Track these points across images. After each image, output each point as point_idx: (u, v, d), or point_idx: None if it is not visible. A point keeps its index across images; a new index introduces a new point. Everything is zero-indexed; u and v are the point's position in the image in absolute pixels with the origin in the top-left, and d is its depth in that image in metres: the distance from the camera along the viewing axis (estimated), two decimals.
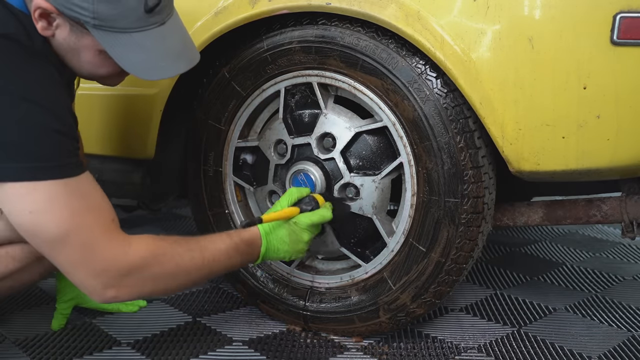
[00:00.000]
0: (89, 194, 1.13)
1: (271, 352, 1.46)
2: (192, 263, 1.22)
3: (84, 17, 1.12)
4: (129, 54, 1.16)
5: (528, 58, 1.21)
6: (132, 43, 1.15)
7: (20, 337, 1.51)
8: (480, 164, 1.33)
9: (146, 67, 1.19)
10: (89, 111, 1.70)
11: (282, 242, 1.37)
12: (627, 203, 1.47)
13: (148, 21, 1.15)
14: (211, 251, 1.26)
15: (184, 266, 1.21)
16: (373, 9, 1.30)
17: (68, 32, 1.16)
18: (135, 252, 1.14)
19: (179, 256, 1.20)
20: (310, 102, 1.48)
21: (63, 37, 1.17)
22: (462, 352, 1.47)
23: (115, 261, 1.13)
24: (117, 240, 1.14)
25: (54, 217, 1.08)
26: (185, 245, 1.23)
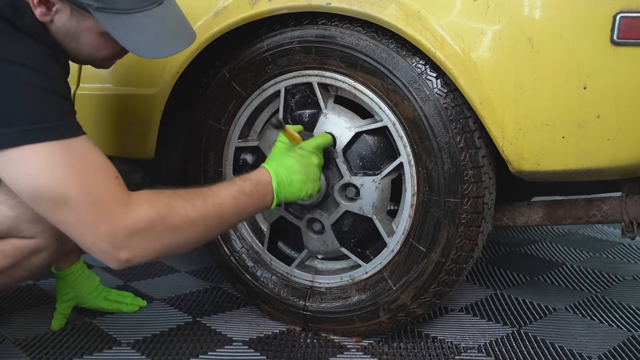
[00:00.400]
0: (89, 153, 1.11)
1: (271, 352, 1.46)
2: (197, 212, 1.17)
3: (87, 1, 1.13)
4: (131, 34, 1.17)
5: (528, 58, 1.21)
6: (133, 23, 1.16)
7: (20, 337, 1.51)
8: (480, 164, 1.33)
9: (148, 47, 1.20)
10: (89, 111, 1.70)
11: (293, 172, 1.30)
12: (627, 203, 1.47)
13: (148, 1, 1.18)
14: (214, 197, 1.21)
15: (188, 217, 1.16)
16: (373, 9, 1.30)
17: (68, 16, 1.17)
18: (140, 211, 1.11)
19: (182, 208, 1.16)
20: (311, 102, 1.48)
21: (62, 21, 1.17)
22: (462, 352, 1.47)
23: (119, 221, 1.09)
24: (120, 200, 1.10)
25: (55, 178, 1.06)
26: (186, 195, 1.18)
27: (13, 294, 1.77)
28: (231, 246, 1.63)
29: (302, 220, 1.50)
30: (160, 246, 1.14)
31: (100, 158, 1.13)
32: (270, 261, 1.59)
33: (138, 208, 1.11)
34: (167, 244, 1.15)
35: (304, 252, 1.55)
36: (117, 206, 1.09)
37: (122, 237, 1.09)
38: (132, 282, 1.89)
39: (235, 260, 1.62)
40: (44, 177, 1.06)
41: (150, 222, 1.11)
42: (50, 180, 1.06)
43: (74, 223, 1.09)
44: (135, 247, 1.11)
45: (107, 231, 1.09)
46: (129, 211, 1.10)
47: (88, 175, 1.09)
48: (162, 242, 1.14)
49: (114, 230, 1.09)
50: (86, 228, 1.09)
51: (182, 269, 2.01)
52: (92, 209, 1.08)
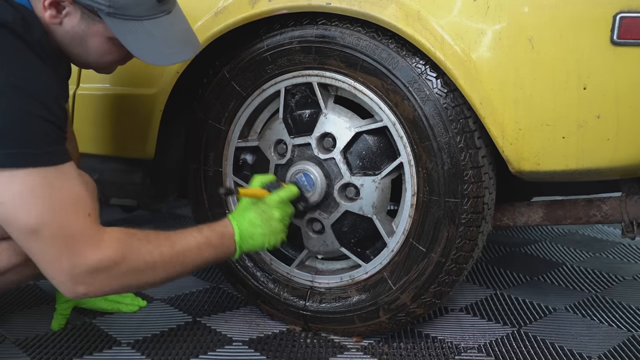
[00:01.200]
0: (67, 186, 1.12)
1: (271, 352, 1.46)
2: (161, 259, 1.21)
3: (99, 5, 1.15)
4: (139, 41, 1.19)
5: (528, 58, 1.21)
6: (142, 31, 1.19)
7: (20, 337, 1.51)
8: (480, 164, 1.33)
9: (156, 54, 1.22)
10: (89, 111, 1.70)
11: (254, 225, 1.35)
12: (627, 203, 1.47)
13: (158, 9, 1.20)
14: (181, 246, 1.25)
15: (152, 263, 1.20)
16: (373, 9, 1.30)
17: (78, 19, 1.18)
18: (105, 251, 1.13)
19: (149, 253, 1.19)
20: (311, 102, 1.48)
21: (71, 25, 1.19)
22: (462, 352, 1.47)
23: (84, 261, 1.12)
24: (90, 237, 1.12)
25: (29, 208, 1.07)
26: (155, 241, 1.22)
27: (13, 293, 1.77)
28: None
29: (302, 220, 1.50)
30: (117, 286, 1.19)
31: (77, 191, 1.13)
32: (270, 261, 1.59)
33: (105, 247, 1.14)
34: (124, 284, 1.20)
35: (304, 252, 1.55)
36: (83, 244, 1.12)
37: (82, 274, 1.13)
38: None
39: (235, 260, 1.62)
40: (16, 206, 1.07)
41: (114, 263, 1.15)
42: (21, 210, 1.07)
43: (38, 253, 1.12)
44: (93, 284, 1.15)
45: (68, 267, 1.12)
46: (95, 249, 1.13)
47: (61, 209, 1.10)
48: (120, 283, 1.19)
49: (75, 266, 1.12)
50: (49, 260, 1.12)
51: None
52: (57, 244, 1.10)
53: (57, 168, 1.10)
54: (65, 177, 1.12)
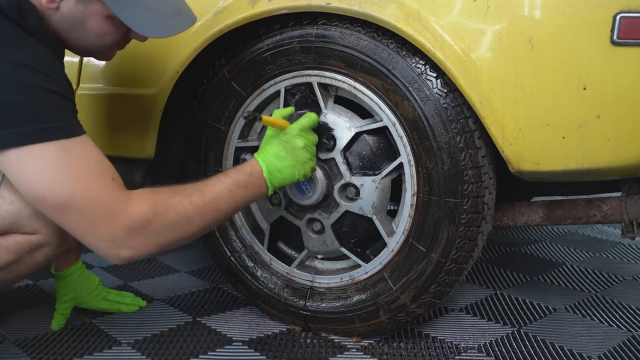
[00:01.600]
0: (88, 155, 1.14)
1: (271, 352, 1.46)
2: (194, 208, 1.21)
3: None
4: (136, 15, 1.20)
5: (528, 58, 1.21)
6: (139, 4, 1.20)
7: (20, 337, 1.51)
8: (480, 164, 1.33)
9: (155, 27, 1.24)
10: (89, 111, 1.70)
11: (279, 158, 1.33)
12: (627, 203, 1.47)
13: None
14: (210, 192, 1.24)
15: (185, 214, 1.19)
16: (373, 9, 1.30)
17: (75, 1, 1.19)
18: (136, 210, 1.14)
19: (180, 204, 1.19)
20: (311, 102, 1.48)
21: (69, 7, 1.20)
22: (462, 352, 1.47)
23: (118, 221, 1.12)
24: (118, 200, 1.13)
25: (56, 182, 1.09)
26: (183, 192, 1.22)
27: (13, 293, 1.77)
28: (231, 246, 1.63)
29: (302, 220, 1.51)
30: (159, 242, 1.18)
31: (99, 159, 1.15)
32: (270, 261, 1.59)
33: (135, 207, 1.14)
34: (165, 240, 1.19)
35: (304, 252, 1.55)
36: (115, 207, 1.12)
37: (121, 236, 1.13)
38: (132, 282, 1.89)
39: (235, 261, 1.62)
40: (43, 183, 1.09)
41: (147, 220, 1.14)
42: (49, 186, 1.09)
43: (75, 224, 1.13)
44: (135, 244, 1.15)
45: (107, 232, 1.12)
46: (126, 211, 1.13)
47: (86, 177, 1.11)
48: (160, 238, 1.18)
49: (114, 230, 1.12)
50: (87, 229, 1.13)
51: (182, 269, 2.01)
52: (91, 211, 1.11)
53: (75, 139, 1.12)
54: (84, 146, 1.13)
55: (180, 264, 2.06)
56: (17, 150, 1.07)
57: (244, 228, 1.62)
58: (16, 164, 1.08)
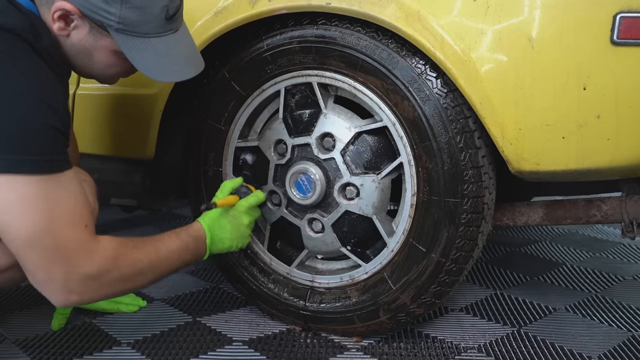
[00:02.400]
0: (66, 196, 1.12)
1: (271, 352, 1.46)
2: (149, 265, 1.26)
3: (109, 21, 1.17)
4: (145, 57, 1.21)
5: (528, 58, 1.21)
6: (149, 47, 1.21)
7: (20, 337, 1.51)
8: (480, 164, 1.33)
9: (160, 70, 1.25)
10: (89, 111, 1.70)
11: (224, 230, 1.41)
12: (627, 203, 1.47)
13: (166, 27, 1.22)
14: (165, 252, 1.30)
15: (141, 269, 1.24)
16: (373, 9, 1.30)
17: (86, 33, 1.20)
18: (100, 260, 1.15)
19: (139, 261, 1.23)
20: (310, 102, 1.48)
21: (79, 37, 1.20)
22: (462, 352, 1.47)
23: (80, 268, 1.13)
24: (85, 248, 1.14)
25: (26, 218, 1.08)
26: (143, 248, 1.26)
27: (13, 293, 1.77)
28: None
29: (302, 220, 1.51)
30: (108, 292, 1.22)
31: (76, 202, 1.14)
32: (270, 261, 1.59)
33: (99, 257, 1.15)
34: (113, 291, 1.23)
35: (304, 252, 1.55)
36: (78, 254, 1.13)
37: (75, 282, 1.14)
38: None
39: (235, 261, 1.62)
40: (12, 215, 1.08)
41: (106, 271, 1.17)
42: (19, 222, 1.08)
43: (31, 261, 1.12)
44: (85, 291, 1.16)
45: (62, 276, 1.12)
46: (89, 259, 1.14)
47: (59, 220, 1.10)
48: (111, 289, 1.22)
49: (69, 276, 1.13)
50: (42, 268, 1.12)
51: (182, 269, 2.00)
52: (52, 254, 1.11)
53: (57, 176, 1.11)
54: (64, 185, 1.12)
55: None
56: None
57: None
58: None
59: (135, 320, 1.61)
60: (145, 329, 1.57)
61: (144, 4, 1.17)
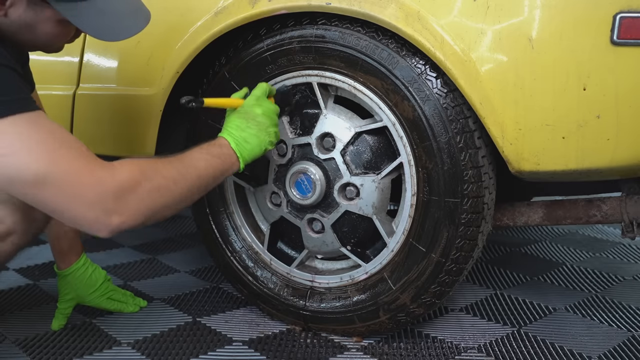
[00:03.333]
0: (54, 127, 1.08)
1: (271, 352, 1.46)
2: (177, 172, 1.19)
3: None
4: (92, 20, 1.17)
5: (528, 58, 1.21)
6: (94, 10, 1.17)
7: (20, 336, 1.51)
8: (480, 164, 1.33)
9: (110, 31, 1.21)
10: (89, 111, 1.70)
11: (241, 128, 1.32)
12: (627, 203, 1.47)
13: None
14: (189, 160, 1.23)
15: (171, 176, 1.17)
16: (373, 9, 1.30)
17: (24, 8, 1.14)
18: (122, 173, 1.09)
19: (165, 168, 1.17)
20: (310, 102, 1.48)
21: (18, 14, 1.15)
22: (462, 352, 1.47)
23: (106, 185, 1.07)
24: (100, 166, 1.08)
25: (29, 156, 1.03)
26: (164, 160, 1.20)
27: (13, 294, 1.77)
28: (231, 246, 1.63)
29: (302, 220, 1.51)
30: (148, 207, 1.13)
31: (65, 132, 1.10)
32: (270, 261, 1.59)
33: (122, 171, 1.10)
34: (154, 204, 1.14)
35: (304, 252, 1.55)
36: (100, 172, 1.07)
37: (110, 200, 1.07)
38: (132, 282, 1.89)
39: (236, 260, 1.62)
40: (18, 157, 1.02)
41: (136, 182, 1.10)
42: (25, 162, 1.02)
43: (57, 199, 1.06)
44: (125, 209, 1.09)
45: (95, 197, 1.06)
46: (113, 174, 1.08)
47: (62, 149, 1.06)
48: (149, 203, 1.13)
49: (102, 194, 1.06)
50: (72, 200, 1.06)
51: (182, 269, 2.01)
52: (73, 182, 1.05)
53: (38, 113, 1.07)
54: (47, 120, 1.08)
55: (180, 264, 2.06)
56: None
57: (244, 228, 1.62)
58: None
59: (135, 320, 1.61)
60: (145, 329, 1.57)
61: None
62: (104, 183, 1.07)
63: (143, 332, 1.55)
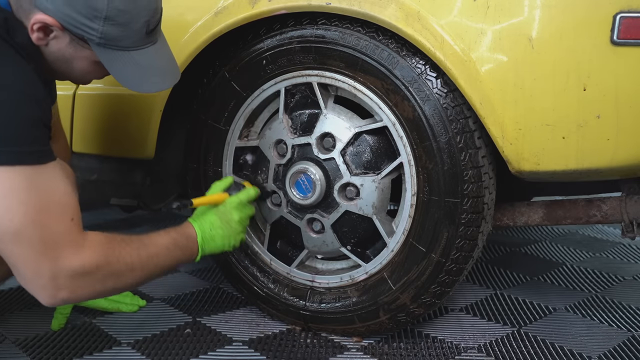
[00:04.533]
0: (52, 187, 1.11)
1: (271, 352, 1.46)
2: (139, 261, 1.23)
3: (90, 36, 1.17)
4: (125, 70, 1.22)
5: (528, 58, 1.21)
6: (129, 60, 1.21)
7: (20, 336, 1.51)
8: (480, 164, 1.33)
9: (139, 82, 1.26)
10: (89, 111, 1.70)
11: (214, 227, 1.39)
12: (627, 203, 1.47)
13: (146, 40, 1.23)
14: (154, 247, 1.28)
15: (131, 265, 1.22)
16: (373, 9, 1.30)
17: (66, 44, 1.20)
18: (89, 255, 1.13)
19: (128, 256, 1.21)
20: (310, 102, 1.48)
21: (58, 47, 1.20)
22: (462, 352, 1.47)
23: (69, 263, 1.11)
24: (73, 242, 1.12)
25: (10, 211, 1.06)
26: (131, 244, 1.24)
27: (13, 294, 1.77)
28: None
29: (302, 220, 1.50)
30: (99, 289, 1.19)
31: (62, 194, 1.12)
32: (270, 261, 1.59)
33: (88, 252, 1.14)
34: (106, 288, 1.20)
35: (304, 252, 1.55)
36: (66, 248, 1.11)
37: (64, 278, 1.11)
38: None
39: (235, 260, 1.62)
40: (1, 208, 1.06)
41: (96, 267, 1.15)
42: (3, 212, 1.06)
43: (18, 256, 1.10)
44: (75, 288, 1.14)
45: (50, 271, 1.10)
46: (78, 254, 1.12)
47: (45, 212, 1.09)
48: (101, 286, 1.19)
49: (58, 270, 1.10)
50: (30, 263, 1.10)
51: (182, 269, 2.01)
52: (39, 247, 1.08)
53: (42, 168, 1.09)
54: (49, 177, 1.11)
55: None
56: None
57: None
58: None
59: (135, 320, 1.61)
60: (145, 329, 1.57)
61: (126, 21, 1.17)
62: (66, 262, 1.11)
63: (143, 332, 1.55)
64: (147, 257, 1.25)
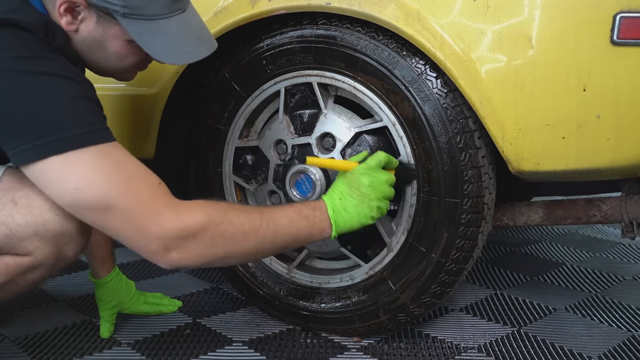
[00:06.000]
0: (128, 160, 1.12)
1: (271, 352, 1.46)
2: (250, 225, 1.17)
3: (114, 7, 1.14)
4: (155, 40, 1.19)
5: (528, 58, 1.21)
6: (158, 30, 1.18)
7: (20, 336, 1.51)
8: (480, 164, 1.33)
9: (172, 53, 1.22)
10: None
11: (344, 196, 1.28)
12: (627, 203, 1.47)
13: (173, 7, 1.19)
14: (269, 214, 1.20)
15: (241, 228, 1.16)
16: (373, 9, 1.30)
17: (94, 24, 1.18)
18: (187, 216, 1.11)
19: (236, 217, 1.15)
20: (310, 102, 1.48)
21: (88, 30, 1.19)
22: (462, 352, 1.47)
23: (169, 225, 1.09)
24: (167, 204, 1.11)
25: (103, 188, 1.06)
26: (242, 208, 1.19)
27: None
28: None
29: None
30: (211, 252, 1.14)
31: (139, 163, 1.13)
32: (270, 261, 1.59)
33: (188, 212, 1.12)
34: (218, 251, 1.15)
35: (304, 252, 1.55)
36: (166, 211, 1.10)
37: (171, 239, 1.10)
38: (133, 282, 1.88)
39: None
40: (92, 189, 1.06)
41: (200, 227, 1.11)
42: (97, 191, 1.06)
43: (123, 228, 1.10)
44: (185, 250, 1.11)
45: (157, 234, 1.09)
46: (178, 215, 1.10)
47: (134, 181, 1.09)
48: (213, 249, 1.14)
49: (163, 232, 1.09)
50: (136, 233, 1.10)
51: (182, 269, 2.01)
52: (141, 212, 1.08)
53: (113, 144, 1.11)
54: (121, 149, 1.12)
55: None
56: (59, 158, 1.04)
57: None
58: (59, 171, 1.05)
59: (135, 320, 1.61)
60: (145, 329, 1.57)
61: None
62: (167, 222, 1.09)
63: (143, 332, 1.55)
64: (261, 223, 1.18)
